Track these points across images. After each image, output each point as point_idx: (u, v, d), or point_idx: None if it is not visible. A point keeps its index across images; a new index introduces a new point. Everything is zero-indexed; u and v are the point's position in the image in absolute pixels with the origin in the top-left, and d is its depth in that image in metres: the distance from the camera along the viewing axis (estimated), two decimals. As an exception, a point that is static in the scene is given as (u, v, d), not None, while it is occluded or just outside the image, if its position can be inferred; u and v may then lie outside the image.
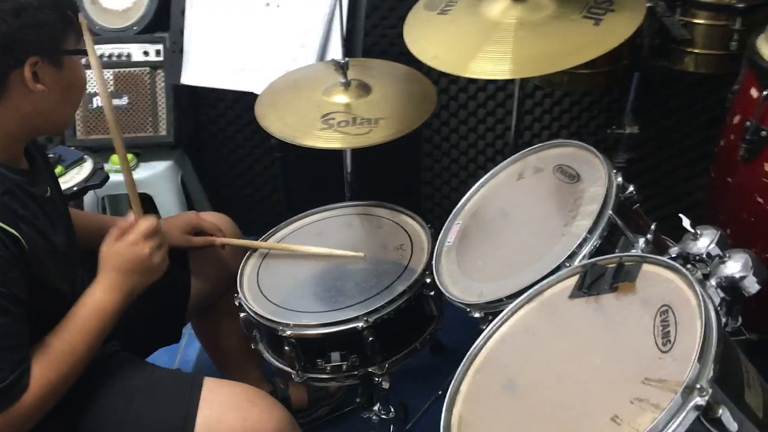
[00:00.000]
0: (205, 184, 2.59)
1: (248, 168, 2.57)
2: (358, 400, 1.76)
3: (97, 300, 1.25)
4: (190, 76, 2.00)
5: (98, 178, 1.94)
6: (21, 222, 1.12)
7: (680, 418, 0.81)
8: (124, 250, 1.29)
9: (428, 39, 1.50)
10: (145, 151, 2.30)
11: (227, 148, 2.53)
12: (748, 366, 0.94)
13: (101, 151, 2.24)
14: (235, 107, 2.44)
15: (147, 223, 1.32)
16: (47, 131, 1.27)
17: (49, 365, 1.16)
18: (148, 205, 2.42)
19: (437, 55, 1.43)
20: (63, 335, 1.20)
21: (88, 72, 1.25)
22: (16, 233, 1.09)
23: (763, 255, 1.13)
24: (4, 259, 1.07)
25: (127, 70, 2.20)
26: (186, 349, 2.26)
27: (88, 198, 2.16)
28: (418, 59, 1.51)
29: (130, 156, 2.26)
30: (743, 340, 1.12)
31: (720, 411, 0.81)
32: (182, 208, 2.37)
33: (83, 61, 1.23)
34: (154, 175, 2.27)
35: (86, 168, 1.95)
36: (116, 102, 2.21)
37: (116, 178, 2.16)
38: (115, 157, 2.25)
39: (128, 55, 2.19)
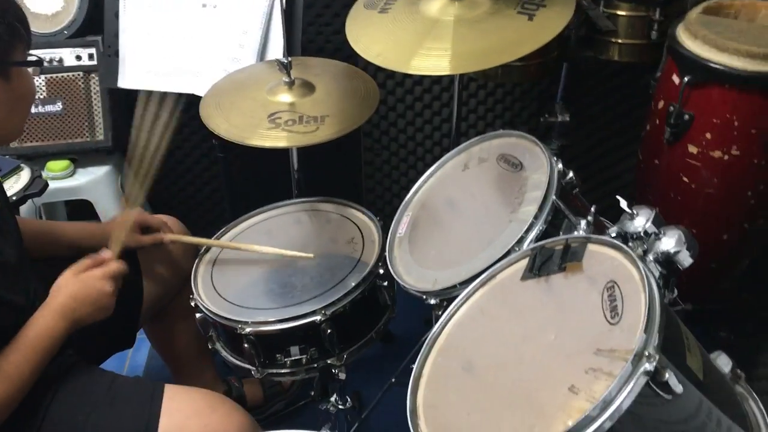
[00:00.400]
0: (143, 188, 2.56)
1: (188, 169, 2.56)
2: (312, 393, 1.79)
3: (48, 325, 1.25)
4: (128, 80, 1.98)
5: (37, 186, 1.89)
6: None
7: (632, 384, 0.87)
8: (89, 281, 1.31)
9: (371, 37, 1.54)
10: (82, 156, 2.27)
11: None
12: (687, 333, 1.02)
13: (36, 159, 2.20)
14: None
15: (119, 265, 1.37)
16: None
17: None
18: (87, 211, 2.38)
19: (381, 53, 1.47)
20: (11, 357, 1.19)
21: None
22: None
23: (691, 230, 1.22)
24: None
25: (60, 75, 2.15)
26: (135, 354, 2.24)
27: (25, 206, 2.11)
28: (355, 56, 1.55)
29: (66, 162, 2.23)
30: (680, 310, 1.21)
31: (667, 375, 0.87)
32: (123, 213, 2.34)
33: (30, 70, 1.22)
34: (93, 180, 2.24)
35: (24, 176, 1.91)
36: (50, 108, 2.17)
37: (52, 185, 2.12)
38: (51, 164, 2.21)
39: (60, 60, 2.14)
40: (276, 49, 1.92)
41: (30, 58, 1.21)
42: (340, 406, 1.68)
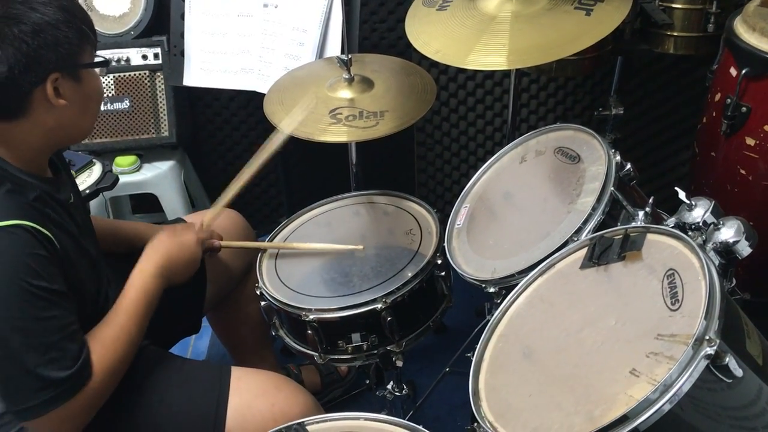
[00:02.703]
0: (203, 182, 2.65)
1: (245, 164, 2.63)
2: (367, 381, 1.83)
3: (147, 284, 1.35)
4: (193, 78, 2.06)
5: (108, 181, 1.99)
6: (52, 225, 1.19)
7: (693, 367, 0.90)
8: (186, 243, 1.45)
9: (430, 34, 1.58)
10: (147, 152, 2.36)
11: (224, 146, 2.60)
12: (746, 320, 1.04)
13: (105, 154, 2.30)
14: (230, 106, 2.50)
15: (205, 235, 1.57)
16: (69, 142, 1.33)
17: (106, 350, 1.23)
18: (150, 204, 2.48)
19: (440, 50, 1.51)
20: (115, 320, 1.28)
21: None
22: (49, 234, 1.16)
23: (748, 223, 1.23)
24: (43, 257, 1.14)
25: (127, 74, 2.25)
26: (197, 341, 2.32)
27: (95, 200, 2.21)
28: (409, 52, 1.58)
29: (133, 158, 2.32)
30: (738, 299, 1.22)
31: (727, 359, 0.90)
32: (186, 207, 2.43)
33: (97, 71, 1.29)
34: (159, 175, 2.33)
35: (96, 171, 2.01)
36: (118, 106, 2.27)
37: (121, 179, 2.22)
38: (119, 159, 2.31)
39: (127, 60, 2.24)
40: (334, 47, 1.98)
41: (97, 59, 1.27)
42: (397, 393, 1.73)
